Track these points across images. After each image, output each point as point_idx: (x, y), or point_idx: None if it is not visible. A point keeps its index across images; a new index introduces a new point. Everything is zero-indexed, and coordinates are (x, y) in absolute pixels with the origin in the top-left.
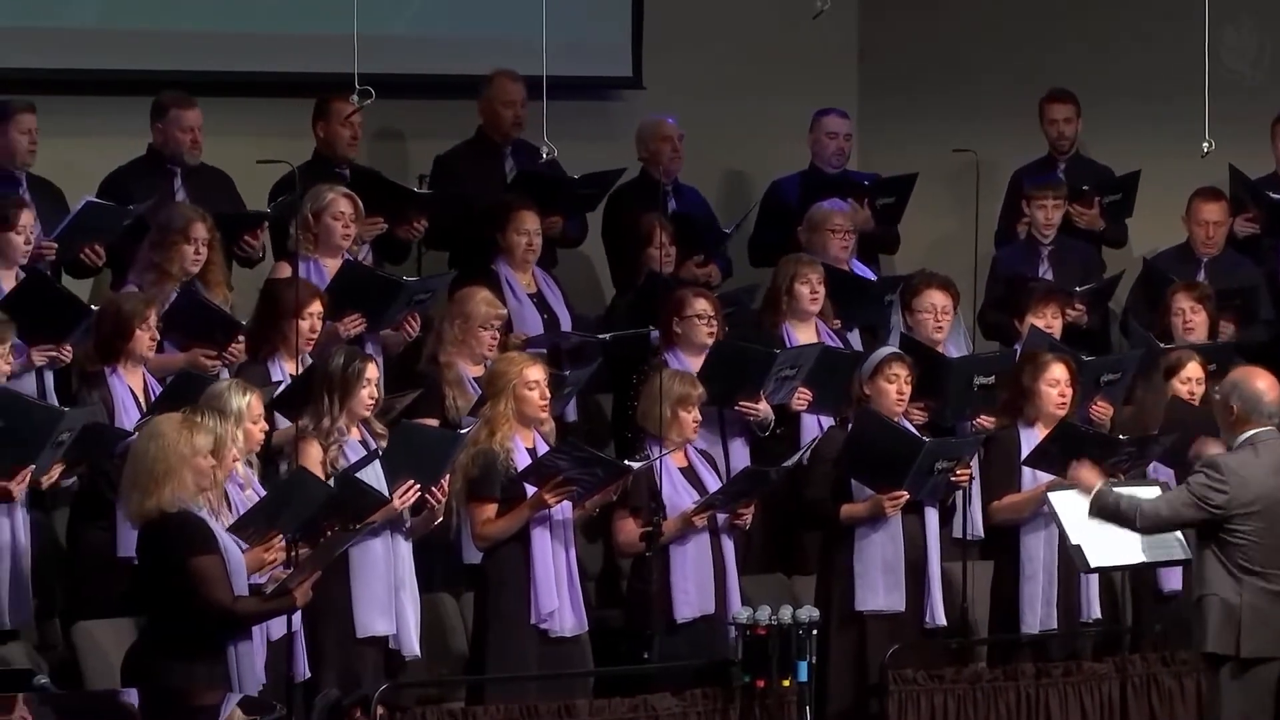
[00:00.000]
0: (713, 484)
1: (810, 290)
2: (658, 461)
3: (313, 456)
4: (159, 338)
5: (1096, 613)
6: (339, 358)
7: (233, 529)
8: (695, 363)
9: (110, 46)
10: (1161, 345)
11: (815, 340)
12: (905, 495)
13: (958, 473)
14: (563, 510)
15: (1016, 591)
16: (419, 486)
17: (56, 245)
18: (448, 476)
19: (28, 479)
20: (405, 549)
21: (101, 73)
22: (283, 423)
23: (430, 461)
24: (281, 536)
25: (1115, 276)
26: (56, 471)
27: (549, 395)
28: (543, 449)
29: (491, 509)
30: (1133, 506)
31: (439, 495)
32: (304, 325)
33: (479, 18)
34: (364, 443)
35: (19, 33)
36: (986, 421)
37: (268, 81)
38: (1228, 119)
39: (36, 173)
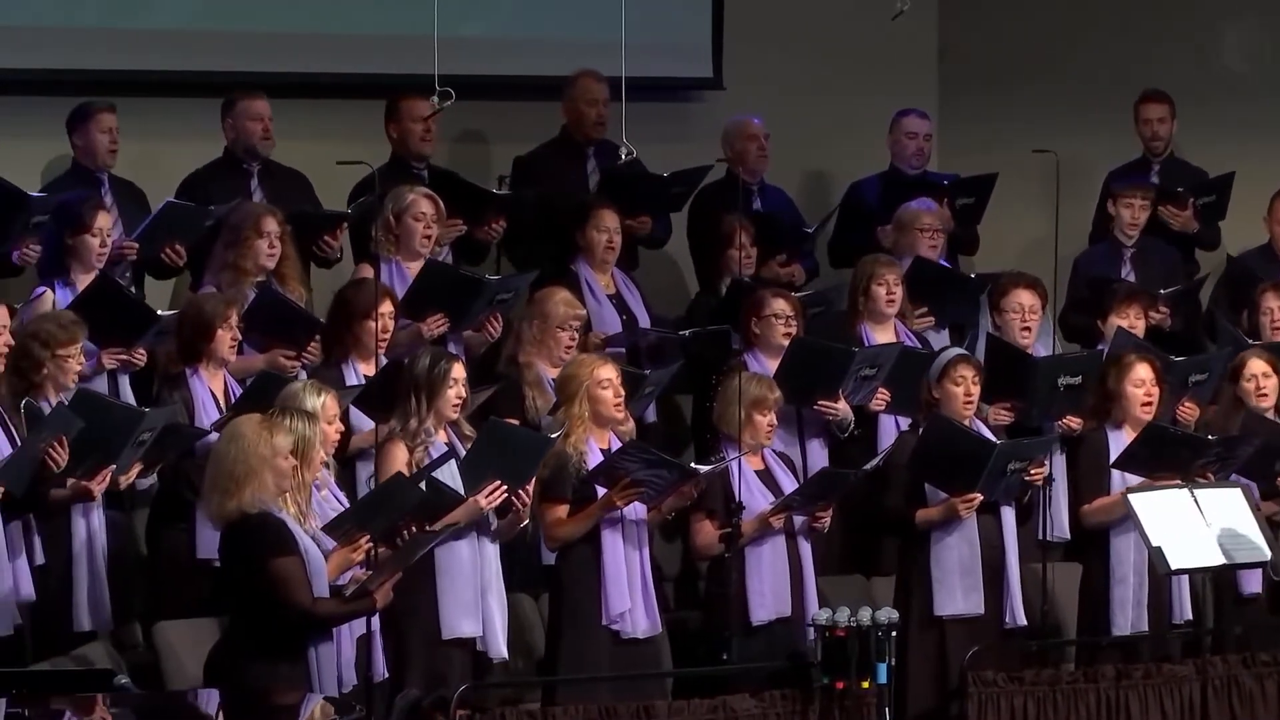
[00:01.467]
0: (789, 487)
1: (887, 291)
2: (733, 464)
3: (398, 458)
4: (240, 339)
5: (1189, 614)
6: (425, 359)
7: (326, 529)
8: (774, 364)
9: (190, 48)
10: (1250, 342)
11: (894, 340)
12: (978, 497)
13: (1031, 472)
14: (635, 511)
15: (1106, 593)
16: (505, 488)
17: (138, 245)
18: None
19: (108, 479)
20: (491, 551)
21: (181, 74)
22: (362, 426)
23: (517, 463)
24: (369, 538)
25: (1200, 279)
26: (134, 472)
27: (623, 393)
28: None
29: (562, 510)
30: None
31: (524, 498)
32: (375, 325)
33: (558, 18)
34: (450, 445)
35: (99, 33)
36: (1073, 422)
37: (347, 83)
38: None
39: (117, 173)
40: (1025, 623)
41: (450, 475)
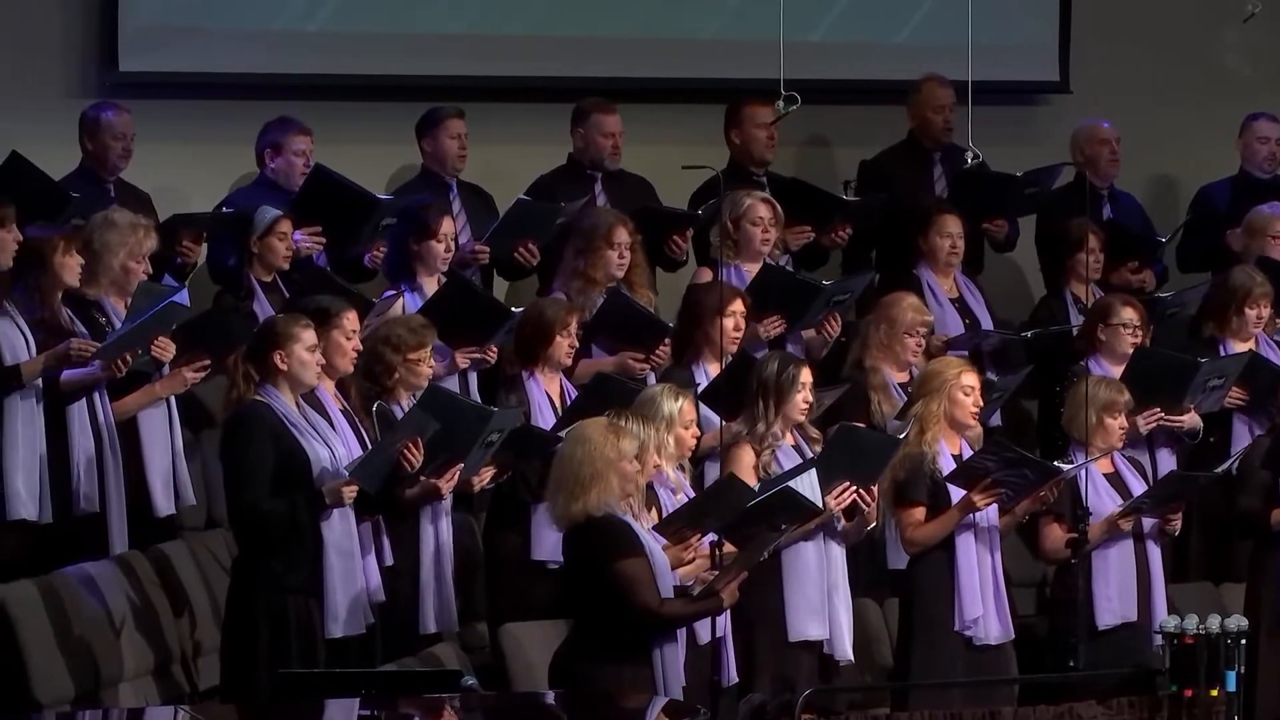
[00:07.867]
0: (1138, 490)
1: (1258, 315)
2: (1082, 468)
3: (745, 461)
4: (578, 345)
5: None
6: (774, 363)
7: (658, 527)
8: (1118, 370)
9: (536, 54)
10: None
11: (1251, 349)
12: None
13: None
14: (988, 516)
15: None
16: (854, 489)
17: (488, 249)
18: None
19: (456, 478)
20: (838, 553)
21: (527, 79)
22: (709, 426)
23: (866, 465)
24: (700, 537)
25: None
26: (488, 474)
27: (981, 404)
28: (968, 455)
29: (920, 513)
30: None
31: (869, 499)
32: (728, 324)
33: (902, 22)
34: (797, 447)
35: (446, 39)
36: None
37: (693, 88)
38: None
39: (465, 178)
40: None
41: (809, 484)
